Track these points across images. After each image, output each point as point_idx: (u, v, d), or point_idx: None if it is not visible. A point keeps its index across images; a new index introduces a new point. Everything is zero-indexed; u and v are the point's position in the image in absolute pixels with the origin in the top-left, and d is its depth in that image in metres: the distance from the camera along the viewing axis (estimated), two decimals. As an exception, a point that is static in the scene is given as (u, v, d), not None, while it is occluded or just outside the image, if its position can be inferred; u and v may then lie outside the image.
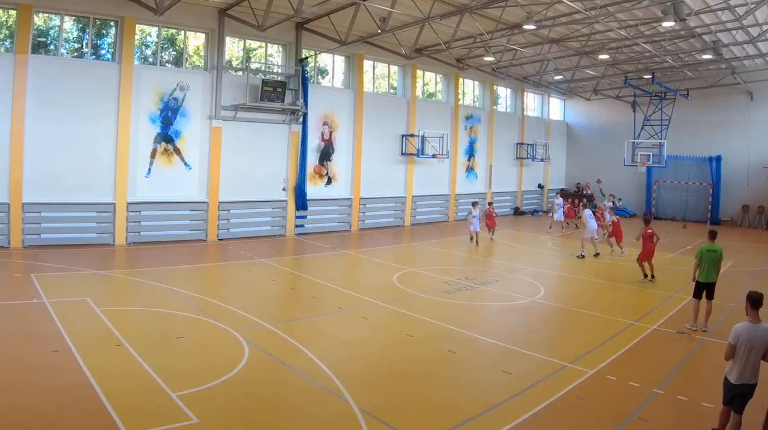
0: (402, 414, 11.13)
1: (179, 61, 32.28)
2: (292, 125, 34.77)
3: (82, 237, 28.44)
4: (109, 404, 10.78)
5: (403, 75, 41.74)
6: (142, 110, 29.93)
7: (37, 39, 27.94)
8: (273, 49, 35.54)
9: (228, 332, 15.57)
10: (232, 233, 32.70)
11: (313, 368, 13.24)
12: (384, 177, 40.09)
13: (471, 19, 31.12)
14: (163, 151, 30.75)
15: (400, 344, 15.55)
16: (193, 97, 31.37)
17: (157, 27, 31.03)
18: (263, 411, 11.21)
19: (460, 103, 44.95)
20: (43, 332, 14.94)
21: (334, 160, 37.43)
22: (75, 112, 28.12)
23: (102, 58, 29.75)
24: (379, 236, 36.18)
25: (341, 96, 37.82)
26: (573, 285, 24.08)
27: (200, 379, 12.23)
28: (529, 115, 51.96)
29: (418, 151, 40.49)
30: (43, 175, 27.40)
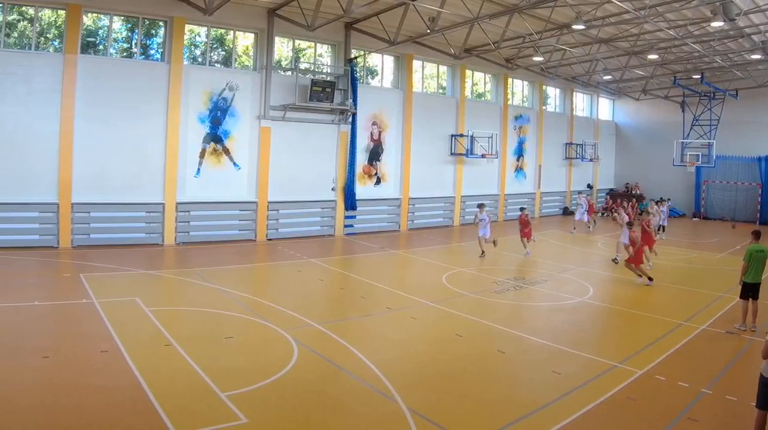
0: (451, 414, 10.75)
1: (228, 61, 31.03)
2: (341, 125, 33.42)
3: (131, 237, 27.40)
4: (157, 404, 10.51)
5: (452, 75, 40.05)
6: (191, 110, 28.83)
7: (86, 39, 26.89)
8: (322, 49, 34.14)
9: (277, 332, 15.07)
10: (281, 233, 31.44)
11: (362, 368, 12.87)
12: (433, 177, 38.53)
13: (520, 19, 29.75)
14: (212, 151, 29.59)
15: (449, 344, 15.03)
16: (242, 97, 30.18)
17: (206, 27, 29.84)
18: (312, 411, 10.89)
19: (509, 104, 43.16)
20: (93, 332, 14.50)
21: (383, 160, 35.99)
22: (124, 113, 27.09)
23: (151, 58, 28.68)
24: (428, 236, 34.78)
25: (390, 96, 36.33)
26: (622, 285, 22.93)
27: (249, 379, 11.87)
28: (578, 115, 49.93)
29: (467, 151, 38.82)
30: (92, 176, 26.43)
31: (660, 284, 22.56)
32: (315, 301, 19.59)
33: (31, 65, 25.27)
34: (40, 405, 10.36)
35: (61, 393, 10.85)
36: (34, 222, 25.53)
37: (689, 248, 33.07)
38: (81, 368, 12.14)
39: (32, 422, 9.77)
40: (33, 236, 25.47)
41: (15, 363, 12.23)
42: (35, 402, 10.47)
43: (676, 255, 29.99)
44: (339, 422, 10.48)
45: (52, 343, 13.74)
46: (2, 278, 19.88)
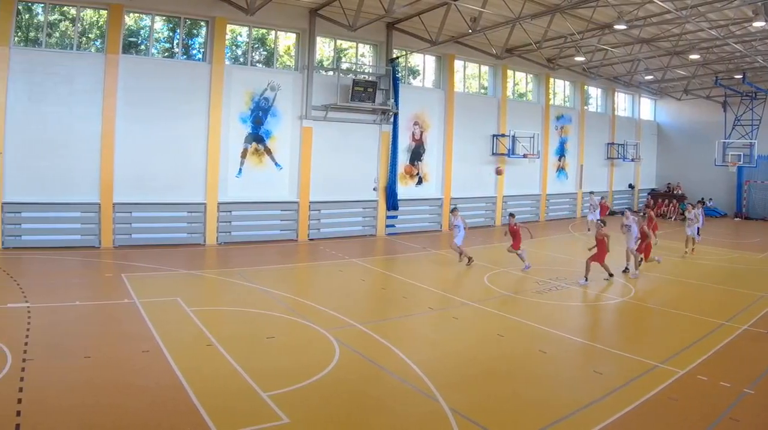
0: (492, 414, 10.44)
1: (270, 61, 29.88)
2: (383, 125, 32.11)
3: (173, 237, 26.41)
4: (199, 404, 10.22)
5: (493, 75, 38.47)
6: (233, 110, 27.81)
7: (127, 39, 25.95)
8: (364, 48, 32.81)
9: (319, 332, 14.60)
10: (322, 233, 30.24)
11: (403, 368, 12.44)
12: (474, 177, 36.95)
13: (562, 19, 28.46)
14: (254, 151, 28.54)
15: (490, 344, 14.62)
16: (283, 97, 29.07)
17: (248, 27, 28.74)
18: (354, 411, 10.56)
19: (550, 103, 41.37)
20: (134, 332, 14.12)
21: (424, 160, 34.56)
22: (165, 113, 26.16)
23: (193, 58, 27.64)
24: (470, 236, 32.11)
25: (432, 96, 34.87)
26: (663, 285, 22.08)
27: (291, 379, 11.48)
28: (619, 115, 47.92)
29: (508, 151, 37.18)
30: (134, 176, 25.52)
31: (702, 284, 21.98)
32: (356, 301, 18.90)
33: (73, 65, 24.41)
34: (81, 405, 10.05)
35: (102, 393, 10.55)
36: (76, 222, 24.69)
37: (731, 248, 31.54)
38: (122, 368, 11.79)
39: (74, 422, 9.48)
40: (75, 236, 24.62)
41: (57, 363, 11.84)
42: (77, 402, 10.17)
43: (718, 255, 28.77)
44: (380, 422, 10.20)
45: (93, 343, 13.36)
46: (45, 278, 19.35)
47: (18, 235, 23.72)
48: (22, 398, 10.04)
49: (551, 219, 41.11)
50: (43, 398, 10.18)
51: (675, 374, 12.40)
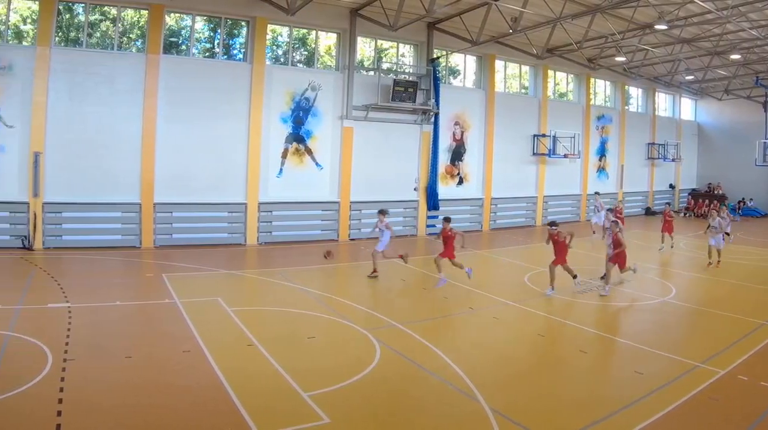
0: (533, 413, 10.00)
1: (311, 61, 28.62)
2: (424, 125, 30.69)
3: (213, 237, 25.30)
4: (240, 404, 9.81)
5: (534, 75, 36.75)
6: (274, 110, 26.64)
7: (168, 39, 24.90)
8: (404, 48, 31.37)
9: (359, 332, 14.05)
10: (363, 233, 28.35)
11: (444, 368, 11.92)
12: (515, 177, 35.27)
13: (602, 19, 27.11)
14: (295, 151, 27.33)
15: (531, 344, 14.17)
16: (324, 97, 27.83)
17: (289, 27, 27.53)
18: (395, 411, 10.18)
19: (591, 103, 39.46)
20: (175, 332, 13.64)
21: (465, 160, 33.01)
22: (206, 113, 25.06)
23: (233, 59, 26.51)
24: (510, 236, 31.83)
25: (473, 96, 33.31)
26: (704, 285, 21.17)
27: (332, 379, 11.02)
28: (660, 116, 45.67)
29: (549, 151, 35.47)
30: (175, 176, 24.48)
31: (742, 284, 20.88)
32: (397, 301, 18.13)
33: (114, 65, 23.44)
34: (122, 405, 9.67)
35: (143, 393, 10.20)
36: (116, 222, 23.72)
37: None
38: (163, 369, 11.39)
39: (115, 422, 9.13)
40: (115, 236, 23.65)
41: (98, 363, 11.42)
42: (117, 402, 9.78)
43: (759, 255, 27.28)
44: (421, 422, 9.73)
45: (134, 343, 12.91)
46: (85, 278, 18.75)
47: (59, 235, 22.78)
48: (62, 398, 9.64)
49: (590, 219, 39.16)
50: (84, 398, 9.80)
51: (716, 374, 11.88)
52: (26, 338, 12.40)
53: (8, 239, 22.20)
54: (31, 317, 14.10)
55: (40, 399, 9.62)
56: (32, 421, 8.96)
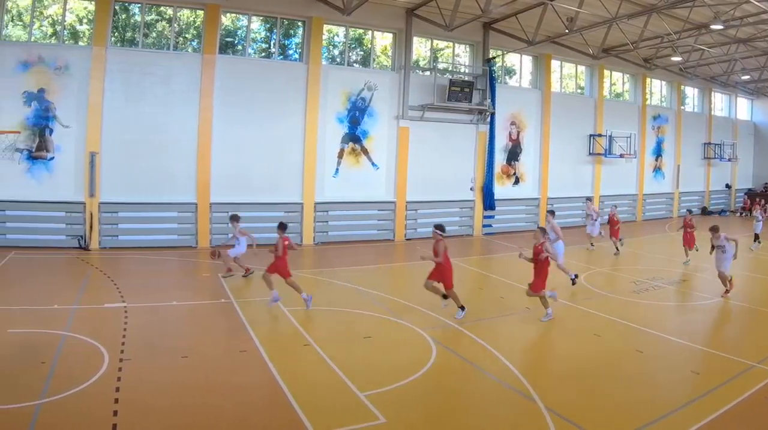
0: (589, 413, 9.30)
1: (367, 60, 26.51)
2: (480, 125, 28.28)
3: (270, 237, 23.12)
4: (296, 403, 9.22)
5: (590, 75, 33.84)
6: (330, 110, 24.64)
7: (224, 39, 23.05)
8: (460, 48, 28.97)
9: (416, 332, 13.11)
10: (419, 233, 26.44)
11: (500, 368, 11.18)
12: (571, 177, 32.64)
13: (658, 19, 25.09)
14: (351, 151, 25.29)
15: (587, 344, 13.11)
16: (380, 97, 25.70)
17: (345, 27, 25.45)
18: (450, 411, 9.49)
19: (647, 103, 36.39)
20: (231, 332, 12.88)
21: (521, 159, 30.46)
22: (262, 113, 23.21)
23: (289, 59, 24.52)
24: (566, 236, 28.71)
25: (529, 96, 30.75)
26: (761, 285, 19.75)
27: (388, 378, 10.33)
28: (716, 115, 42.14)
29: (605, 151, 32.75)
30: (230, 176, 22.69)
31: None
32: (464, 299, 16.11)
33: (170, 66, 21.78)
34: (178, 405, 9.14)
35: (199, 393, 9.61)
36: (172, 222, 22.07)
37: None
38: (219, 368, 10.74)
39: (171, 422, 8.62)
40: (172, 236, 21.95)
41: (154, 363, 10.82)
42: (173, 402, 9.25)
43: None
44: (477, 421, 9.04)
45: (190, 343, 12.16)
46: (141, 278, 17.64)
47: (115, 235, 21.15)
48: (118, 398, 9.08)
49: (648, 219, 36.14)
50: (140, 398, 9.23)
51: (772, 375, 10.97)
52: (82, 337, 11.64)
53: (64, 239, 20.71)
54: (87, 317, 13.18)
55: (97, 399, 9.05)
56: (89, 420, 8.40)
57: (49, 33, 21.05)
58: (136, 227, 21.38)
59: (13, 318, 12.93)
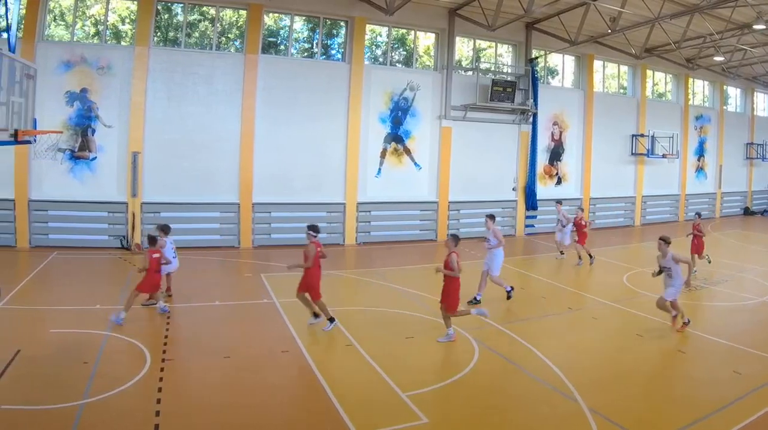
0: (631, 414, 8.60)
1: (409, 60, 24.58)
2: (522, 125, 26.18)
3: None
4: (338, 403, 8.60)
5: (632, 75, 31.41)
6: (372, 110, 22.85)
7: (267, 39, 21.47)
8: (502, 48, 26.81)
9: (458, 332, 11.99)
10: (462, 233, 24.20)
11: (542, 368, 10.47)
12: (613, 177, 30.16)
13: (701, 19, 23.06)
14: (393, 151, 23.47)
15: (629, 344, 12.31)
16: (422, 97, 23.81)
17: (387, 27, 23.63)
18: (493, 411, 8.83)
19: (689, 103, 33.65)
20: (273, 332, 12.11)
21: (564, 159, 28.23)
22: (304, 113, 21.48)
23: (332, 59, 22.79)
24: (608, 236, 27.11)
25: (571, 96, 28.46)
26: None
27: (430, 379, 9.83)
28: (759, 115, 38.92)
29: (647, 151, 30.24)
30: (273, 175, 21.07)
31: None
32: (496, 301, 15.06)
33: (213, 65, 20.21)
34: (220, 405, 8.61)
35: (241, 393, 9.09)
36: (215, 222, 20.49)
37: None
38: (262, 368, 10.17)
39: (213, 422, 8.12)
40: (214, 236, 20.44)
41: (197, 363, 10.31)
42: (215, 402, 8.74)
43: None
44: (520, 422, 8.55)
45: (232, 343, 11.46)
46: (184, 278, 16.26)
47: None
48: (161, 398, 8.60)
49: (691, 219, 33.72)
50: (182, 398, 8.80)
51: (817, 375, 10.10)
52: (125, 338, 11.03)
53: (107, 239, 19.35)
54: (129, 317, 12.10)
55: (139, 399, 8.64)
56: (131, 420, 7.99)
57: (91, 33, 19.73)
58: (179, 227, 19.59)
59: (56, 318, 12.19)
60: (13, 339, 10.76)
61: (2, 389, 8.69)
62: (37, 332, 11.38)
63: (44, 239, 18.77)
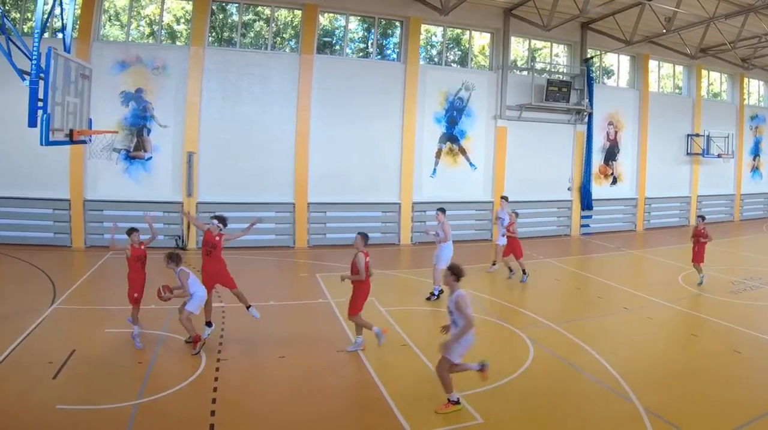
0: (687, 414, 7.72)
1: (464, 61, 22.07)
2: (577, 125, 23.36)
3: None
4: (393, 403, 7.70)
5: (687, 75, 28.04)
6: (428, 110, 20.43)
7: (322, 39, 19.47)
8: (558, 48, 24.05)
9: (513, 332, 11.12)
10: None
11: (598, 368, 9.19)
12: (668, 177, 26.93)
13: (756, 19, 20.47)
14: (448, 151, 21.03)
15: (684, 344, 11.17)
16: (477, 97, 21.26)
17: (442, 27, 21.17)
18: (548, 411, 7.85)
19: (745, 103, 30.07)
20: (328, 332, 10.92)
21: (619, 159, 25.19)
22: (359, 113, 19.25)
23: (387, 59, 20.48)
24: (663, 236, 24.18)
25: (626, 96, 25.36)
26: None
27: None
28: None
29: (702, 151, 26.94)
30: (328, 175, 18.83)
31: None
32: (551, 301, 14.31)
33: (268, 65, 18.14)
34: (275, 405, 7.71)
35: (296, 393, 8.07)
36: (270, 222, 18.30)
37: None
38: (317, 368, 9.04)
39: (268, 422, 7.28)
40: (269, 236, 18.37)
41: (252, 363, 9.35)
42: (270, 402, 7.82)
43: None
44: (575, 422, 7.53)
45: (287, 343, 10.29)
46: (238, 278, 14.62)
47: None
48: (216, 398, 7.79)
49: (746, 219, 30.02)
50: (237, 398, 7.88)
51: None
52: (180, 337, 9.93)
53: (162, 239, 17.58)
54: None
55: (194, 399, 7.82)
56: (187, 420, 7.23)
57: (146, 33, 17.99)
58: (234, 227, 18.14)
59: (111, 318, 11.15)
60: (68, 339, 9.89)
61: (58, 389, 7.90)
62: (92, 331, 10.34)
63: (99, 238, 17.07)
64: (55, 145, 8.95)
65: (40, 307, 11.31)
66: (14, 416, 7.18)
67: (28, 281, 13.71)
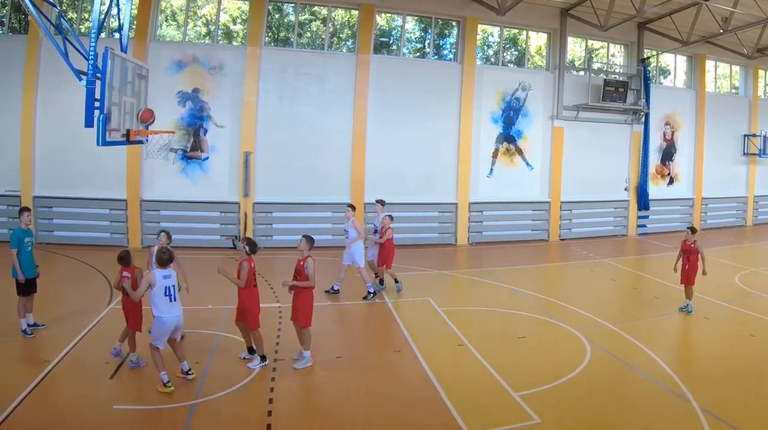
0: (744, 414, 6.32)
1: (521, 61, 18.43)
2: (634, 125, 19.35)
3: (424, 237, 16.09)
4: (450, 403, 6.46)
5: (744, 75, 23.34)
6: (484, 110, 16.90)
7: (378, 39, 16.37)
8: (614, 48, 19.94)
9: (570, 332, 8.96)
10: (573, 233, 18.36)
11: (654, 368, 7.60)
12: (725, 177, 22.42)
13: None
14: (505, 151, 17.51)
15: (741, 344, 8.76)
16: (534, 97, 17.61)
17: (499, 27, 17.59)
18: (605, 411, 6.54)
19: None
20: (386, 332, 9.15)
21: (675, 159, 20.99)
22: (416, 113, 15.86)
23: (444, 59, 17.06)
24: (720, 236, 20.02)
25: (683, 96, 21.04)
26: None
27: (542, 379, 7.03)
28: None
29: (759, 151, 22.34)
30: (384, 175, 15.53)
31: None
32: (607, 301, 11.97)
33: (324, 65, 15.00)
34: (331, 405, 6.55)
35: (352, 393, 6.71)
36: (326, 222, 15.22)
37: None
38: (374, 368, 7.51)
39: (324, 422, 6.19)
40: (326, 236, 15.45)
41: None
42: (327, 402, 6.68)
43: None
44: (632, 422, 6.24)
45: (344, 343, 8.62)
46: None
47: (269, 235, 14.62)
48: (272, 398, 6.49)
49: None
50: (294, 398, 6.70)
51: None
52: (237, 338, 8.05)
53: (219, 239, 14.90)
54: None
55: (251, 399, 6.46)
56: (243, 420, 6.04)
57: (202, 33, 15.26)
58: (290, 227, 15.03)
59: None
60: (125, 339, 8.08)
61: (114, 389, 6.77)
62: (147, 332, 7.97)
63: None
64: (112, 145, 7.66)
65: (98, 307, 9.72)
66: (72, 416, 6.12)
67: (86, 282, 11.43)
